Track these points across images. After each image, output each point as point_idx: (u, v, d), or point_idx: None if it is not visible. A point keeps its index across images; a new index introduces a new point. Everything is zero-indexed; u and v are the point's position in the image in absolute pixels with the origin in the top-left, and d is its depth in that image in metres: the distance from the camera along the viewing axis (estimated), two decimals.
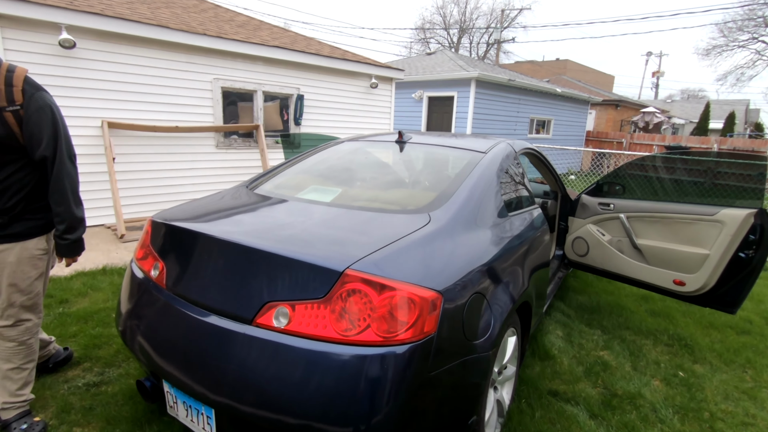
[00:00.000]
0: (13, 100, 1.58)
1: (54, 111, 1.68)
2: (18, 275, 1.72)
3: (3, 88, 1.56)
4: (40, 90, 1.66)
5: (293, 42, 6.93)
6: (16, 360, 1.75)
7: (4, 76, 1.57)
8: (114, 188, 4.67)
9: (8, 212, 1.67)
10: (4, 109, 1.57)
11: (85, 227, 1.83)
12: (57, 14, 4.36)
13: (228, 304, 1.44)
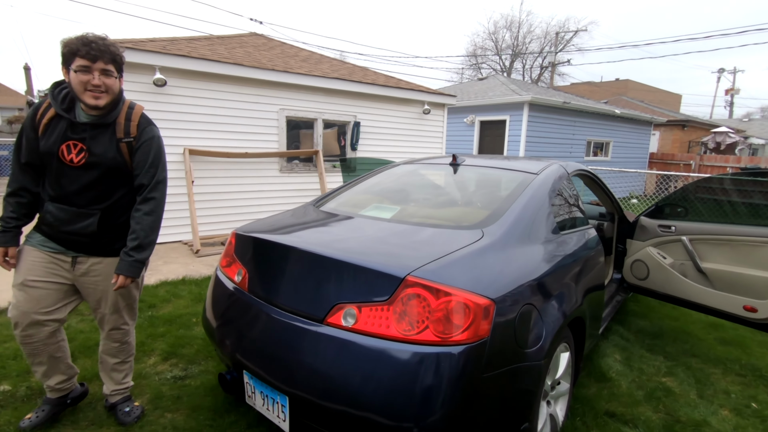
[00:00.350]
0: (129, 133, 1.79)
1: (159, 144, 1.89)
2: (130, 285, 1.93)
3: (123, 122, 1.78)
4: (151, 124, 1.88)
5: (351, 73, 7.40)
6: (120, 356, 2.04)
7: (125, 111, 1.80)
8: (192, 208, 5.20)
9: (118, 229, 1.86)
10: (121, 140, 1.78)
11: (151, 252, 1.90)
12: (153, 58, 5.05)
13: (302, 305, 1.64)
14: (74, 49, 1.62)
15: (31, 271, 1.77)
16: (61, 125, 1.71)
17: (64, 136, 1.71)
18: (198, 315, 3.20)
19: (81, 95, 1.66)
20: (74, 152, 1.72)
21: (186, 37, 6.50)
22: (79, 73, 1.63)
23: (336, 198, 2.61)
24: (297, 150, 6.60)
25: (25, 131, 1.75)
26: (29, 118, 1.74)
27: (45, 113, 1.72)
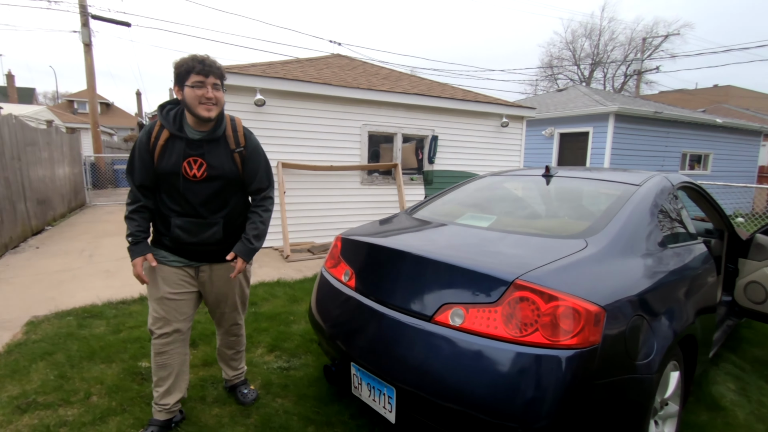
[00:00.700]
0: (239, 143, 1.91)
1: (263, 151, 2.08)
2: (243, 284, 2.16)
3: (231, 134, 1.89)
4: (252, 134, 2.03)
5: (429, 89, 7.58)
6: (237, 347, 2.27)
7: (230, 124, 1.91)
8: (283, 217, 5.64)
9: (236, 233, 1.99)
10: (234, 150, 1.89)
11: (262, 243, 2.06)
12: (254, 81, 5.63)
13: (410, 303, 1.77)
14: (190, 67, 1.73)
15: (166, 286, 1.90)
16: (178, 145, 1.80)
17: (184, 153, 1.80)
18: (294, 314, 3.48)
19: (195, 108, 1.75)
20: (195, 168, 1.81)
21: (280, 60, 7.13)
22: (195, 87, 1.73)
23: (429, 207, 2.73)
24: (377, 163, 6.88)
25: (139, 154, 1.82)
26: (143, 142, 1.80)
27: (159, 136, 1.80)
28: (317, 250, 5.74)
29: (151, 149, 1.80)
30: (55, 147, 8.43)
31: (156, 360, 1.95)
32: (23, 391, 2.30)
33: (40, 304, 3.65)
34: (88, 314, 3.40)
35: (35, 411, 2.14)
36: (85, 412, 2.14)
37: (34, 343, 2.87)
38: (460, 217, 2.43)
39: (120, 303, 3.68)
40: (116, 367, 2.58)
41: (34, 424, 2.03)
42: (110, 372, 2.52)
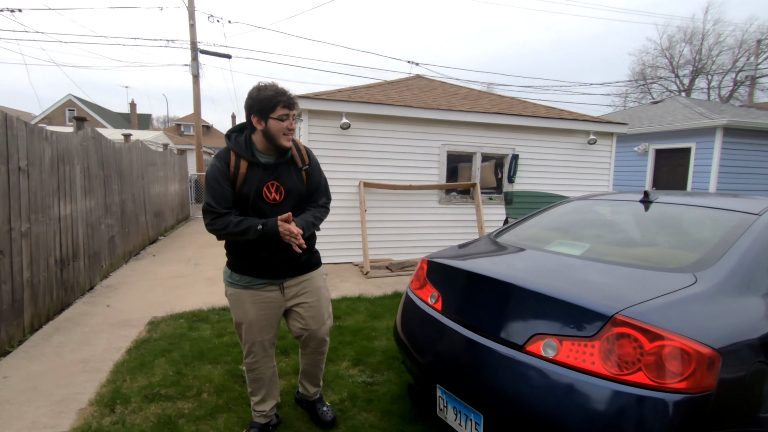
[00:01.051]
0: (305, 161, 2.01)
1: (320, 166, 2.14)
2: (327, 294, 2.19)
3: (296, 153, 1.99)
4: (311, 151, 2.10)
5: (510, 107, 7.46)
6: (322, 365, 2.28)
7: (296, 146, 2.00)
8: (364, 234, 5.87)
9: (310, 246, 2.06)
10: (301, 169, 2.00)
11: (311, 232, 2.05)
12: (341, 105, 6.00)
13: (499, 330, 1.78)
14: (277, 101, 1.78)
15: (253, 311, 1.96)
16: (256, 171, 1.86)
17: (262, 179, 1.86)
18: (376, 330, 3.60)
19: (279, 139, 1.83)
20: (273, 191, 1.89)
21: (364, 85, 7.51)
22: (281, 120, 1.81)
23: (514, 232, 2.71)
24: (455, 183, 6.90)
25: (219, 182, 1.81)
26: (221, 170, 1.82)
27: (238, 165, 1.84)
28: (395, 267, 5.87)
29: (233, 179, 1.83)
30: (168, 167, 9.64)
31: (249, 375, 2.11)
32: (149, 383, 2.67)
33: (158, 306, 4.19)
34: (197, 318, 3.83)
35: (159, 402, 2.47)
36: (198, 406, 2.42)
37: (155, 341, 3.31)
38: (548, 243, 2.38)
39: (222, 309, 4.09)
40: (221, 368, 2.88)
41: (159, 414, 2.35)
42: (216, 372, 2.82)
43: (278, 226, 1.80)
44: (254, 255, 1.91)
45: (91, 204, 4.85)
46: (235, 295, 1.98)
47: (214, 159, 1.87)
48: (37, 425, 2.25)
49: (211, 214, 1.82)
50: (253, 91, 1.82)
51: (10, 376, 2.75)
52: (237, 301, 1.98)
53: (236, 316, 2.00)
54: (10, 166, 3.17)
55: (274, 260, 1.93)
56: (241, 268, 1.95)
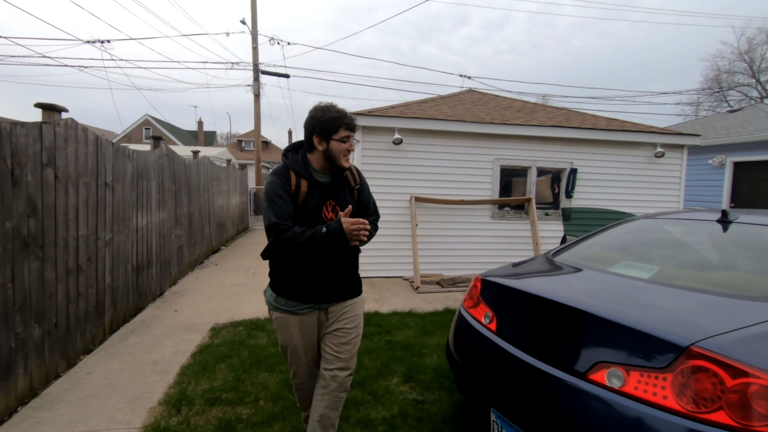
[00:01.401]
0: (356, 181, 2.02)
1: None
2: (362, 323, 2.08)
3: (349, 174, 1.98)
4: (359, 169, 2.09)
5: (568, 119, 7.20)
6: (341, 406, 2.01)
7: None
8: (415, 248, 5.87)
9: (354, 270, 2.03)
10: (353, 188, 2.00)
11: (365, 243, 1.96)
12: (393, 122, 6.09)
13: (559, 356, 1.70)
14: (340, 123, 1.80)
15: (298, 336, 1.92)
16: (315, 190, 1.84)
17: (321, 198, 1.85)
18: (426, 347, 3.57)
19: (339, 160, 1.84)
20: (330, 210, 1.88)
21: (416, 100, 7.59)
22: (342, 142, 1.82)
23: (573, 251, 2.59)
24: (509, 198, 6.73)
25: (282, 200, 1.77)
26: (281, 187, 1.79)
27: (299, 184, 1.82)
28: (446, 283, 5.79)
29: (294, 197, 1.81)
30: (231, 181, 10.25)
31: (297, 393, 2.13)
32: (211, 387, 2.82)
33: (219, 313, 4.44)
34: (254, 326, 4.01)
35: (220, 406, 2.60)
36: (255, 413, 2.52)
37: (216, 347, 3.50)
38: (612, 264, 2.26)
39: None
40: (276, 376, 2.98)
41: (220, 417, 2.47)
42: (272, 380, 2.92)
43: (342, 222, 1.74)
44: (303, 276, 1.85)
45: (164, 216, 5.26)
46: (281, 320, 1.93)
47: (272, 176, 1.83)
48: (113, 420, 2.45)
49: (276, 231, 1.75)
50: (317, 111, 1.82)
51: (93, 373, 3.02)
52: (283, 325, 1.93)
53: (282, 339, 1.96)
54: (99, 182, 3.53)
55: (322, 282, 1.88)
56: (287, 292, 1.89)
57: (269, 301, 1.97)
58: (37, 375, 2.75)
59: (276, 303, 1.93)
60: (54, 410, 2.53)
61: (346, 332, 1.97)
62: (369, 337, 3.77)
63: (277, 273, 1.92)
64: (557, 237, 6.61)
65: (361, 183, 2.06)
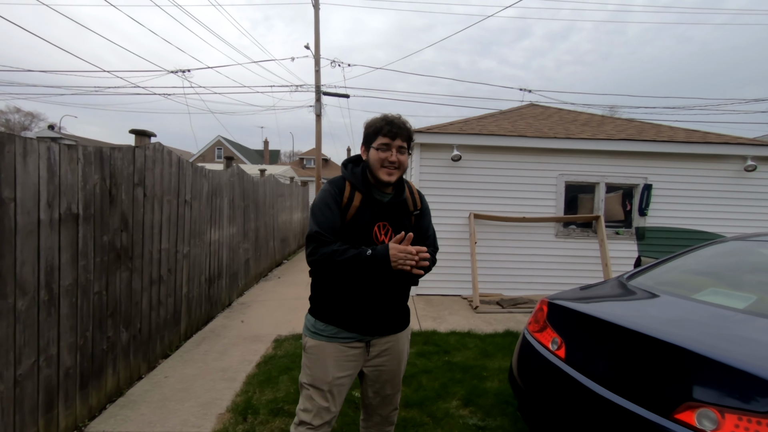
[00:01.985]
0: (416, 206, 1.83)
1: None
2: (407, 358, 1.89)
3: (409, 196, 1.82)
4: (423, 194, 1.93)
5: (640, 132, 6.75)
6: None
7: (409, 188, 1.84)
8: (474, 267, 5.74)
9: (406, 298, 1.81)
10: (412, 213, 1.81)
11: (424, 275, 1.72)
12: (452, 138, 6.07)
13: (638, 390, 1.56)
14: (378, 128, 1.64)
15: (333, 370, 1.66)
16: (369, 207, 1.67)
17: (374, 216, 1.67)
18: (487, 370, 3.44)
19: (377, 171, 1.65)
20: (383, 233, 1.69)
21: (476, 116, 7.52)
22: (380, 150, 1.63)
23: (652, 274, 2.40)
24: (575, 215, 6.39)
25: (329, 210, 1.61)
26: (334, 198, 1.63)
27: (352, 197, 1.65)
28: (507, 303, 5.58)
29: (344, 208, 1.64)
30: (293, 197, 10.72)
31: None
32: (275, 397, 2.92)
33: (282, 324, 4.61)
34: None
35: (282, 417, 2.67)
36: None
37: (279, 358, 3.62)
38: (698, 291, 2.06)
39: None
40: None
41: (282, 428, 2.54)
42: None
43: (389, 248, 1.53)
44: (350, 298, 1.65)
45: (233, 230, 5.61)
46: (318, 348, 1.67)
47: (327, 185, 1.69)
48: (187, 423, 2.61)
49: (314, 242, 1.56)
50: (367, 121, 1.71)
51: (170, 377, 3.25)
52: (318, 355, 1.67)
53: (312, 374, 1.67)
54: (179, 199, 3.86)
55: (372, 308, 1.67)
56: (329, 315, 1.67)
57: (306, 327, 1.74)
58: (123, 376, 3.01)
59: (315, 328, 1.69)
60: (136, 410, 2.75)
61: (386, 370, 1.78)
62: (427, 356, 3.71)
63: (321, 293, 1.70)
64: (629, 258, 6.14)
65: (422, 209, 1.85)
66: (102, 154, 2.69)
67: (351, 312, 1.66)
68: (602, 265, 5.94)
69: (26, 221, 2.06)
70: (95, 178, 2.61)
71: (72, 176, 2.39)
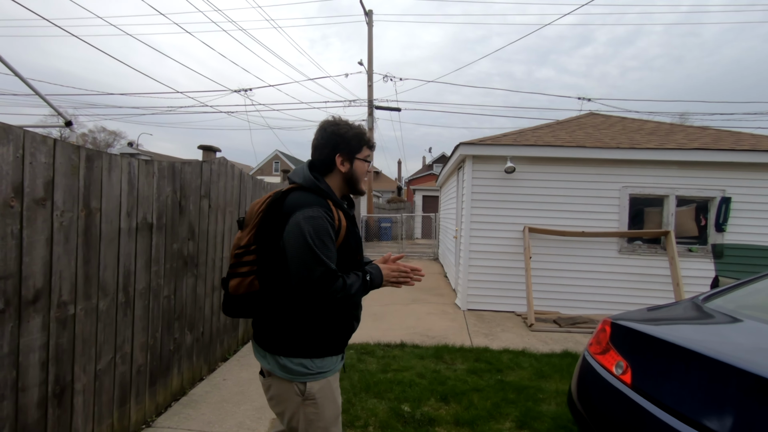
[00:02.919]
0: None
1: None
2: None
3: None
4: None
5: (716, 140, 6.21)
6: None
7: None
8: (528, 283, 5.52)
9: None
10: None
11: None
12: (506, 150, 5.93)
13: (720, 425, 1.42)
14: (364, 141, 1.54)
15: (339, 398, 1.55)
16: (351, 222, 1.52)
17: (356, 231, 1.56)
18: (543, 392, 3.27)
19: (360, 183, 1.56)
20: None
21: (530, 127, 7.31)
22: (365, 162, 1.56)
23: (732, 296, 2.18)
24: (641, 230, 5.97)
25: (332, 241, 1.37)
26: (330, 222, 1.37)
27: (339, 216, 1.44)
28: (564, 322, 5.29)
29: (335, 233, 1.40)
30: None
31: None
32: None
33: None
34: (364, 351, 4.13)
35: None
36: None
37: None
38: None
39: (386, 345, 4.32)
40: (385, 404, 3.01)
41: None
42: (381, 407, 2.95)
43: (382, 269, 1.51)
44: (350, 327, 1.54)
45: None
46: (326, 389, 1.46)
47: (317, 209, 1.36)
48: (242, 426, 2.71)
49: (332, 279, 1.33)
50: (341, 127, 1.50)
51: (228, 379, 3.41)
52: (330, 391, 1.47)
53: (331, 413, 1.47)
54: (240, 210, 4.08)
55: (357, 319, 1.58)
56: (329, 347, 1.46)
57: (300, 373, 1.41)
58: (187, 376, 3.20)
59: (317, 368, 1.43)
60: (197, 409, 2.90)
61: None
62: (479, 374, 3.60)
63: (310, 327, 1.42)
64: (704, 278, 5.62)
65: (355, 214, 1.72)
66: (174, 169, 2.91)
67: (346, 330, 1.52)
68: (673, 284, 5.48)
69: (109, 229, 2.27)
70: (167, 191, 2.83)
71: (148, 189, 2.61)
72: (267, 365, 1.45)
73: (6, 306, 1.68)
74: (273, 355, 1.43)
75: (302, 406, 1.42)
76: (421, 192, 23.79)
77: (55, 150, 1.90)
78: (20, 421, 1.76)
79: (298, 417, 1.43)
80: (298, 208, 1.35)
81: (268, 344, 1.44)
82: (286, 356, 1.41)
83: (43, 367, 1.87)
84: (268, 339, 1.44)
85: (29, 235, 1.78)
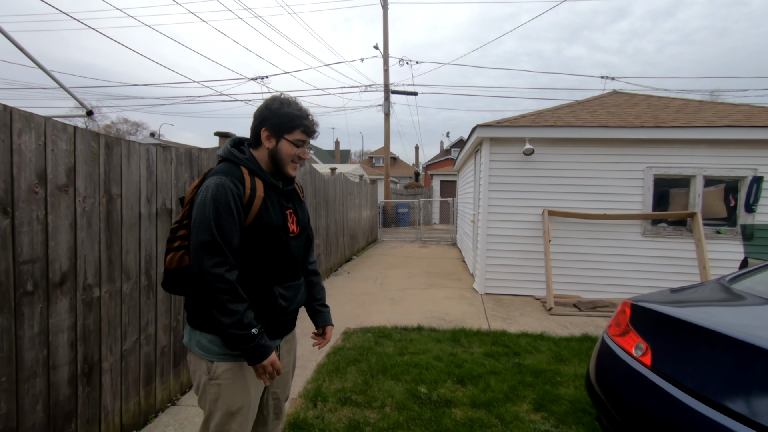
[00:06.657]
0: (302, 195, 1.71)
1: None
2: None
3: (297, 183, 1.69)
4: None
5: (748, 117, 5.92)
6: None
7: None
8: (548, 266, 5.44)
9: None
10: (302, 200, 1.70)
11: None
12: (524, 131, 5.80)
13: (742, 407, 1.38)
14: (298, 123, 1.46)
15: (254, 387, 1.46)
16: (275, 196, 1.48)
17: (282, 206, 1.50)
18: (561, 375, 3.24)
19: (285, 165, 1.48)
20: (292, 222, 1.54)
21: (550, 108, 7.12)
22: (294, 145, 1.47)
23: (761, 277, 2.10)
24: (666, 212, 5.78)
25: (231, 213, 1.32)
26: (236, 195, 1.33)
27: (254, 186, 1.40)
28: (584, 306, 5.22)
29: (246, 203, 1.36)
30: (362, 195, 10.96)
31: None
32: (342, 387, 3.01)
33: (351, 318, 4.74)
34: (381, 334, 4.17)
35: (350, 406, 2.75)
36: (381, 418, 2.60)
37: (347, 350, 3.73)
38: None
39: (403, 329, 4.35)
40: (402, 386, 3.04)
41: (350, 417, 2.61)
42: (398, 389, 2.98)
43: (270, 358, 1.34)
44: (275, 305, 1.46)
45: None
46: (235, 372, 1.39)
47: (221, 177, 1.34)
48: None
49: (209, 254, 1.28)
50: (275, 102, 1.46)
51: None
52: (238, 378, 1.40)
53: (232, 401, 1.40)
54: None
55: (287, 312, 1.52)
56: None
57: (211, 351, 1.38)
58: None
59: (222, 348, 1.38)
60: None
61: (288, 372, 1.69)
62: (496, 357, 3.60)
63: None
64: (731, 260, 5.43)
65: (304, 198, 1.72)
66: (191, 155, 2.96)
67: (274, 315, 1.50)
68: (699, 267, 5.31)
69: (130, 215, 2.33)
70: (185, 177, 2.88)
71: (166, 175, 2.66)
72: (185, 339, 1.46)
73: (35, 288, 1.76)
74: (192, 330, 1.43)
75: (207, 385, 1.39)
76: (439, 177, 23.62)
77: (75, 137, 1.95)
78: (52, 397, 1.85)
79: (205, 396, 1.41)
80: (209, 177, 1.38)
81: (190, 317, 1.45)
82: (201, 330, 1.40)
83: (72, 347, 1.96)
84: (189, 312, 1.45)
85: (54, 221, 1.84)
